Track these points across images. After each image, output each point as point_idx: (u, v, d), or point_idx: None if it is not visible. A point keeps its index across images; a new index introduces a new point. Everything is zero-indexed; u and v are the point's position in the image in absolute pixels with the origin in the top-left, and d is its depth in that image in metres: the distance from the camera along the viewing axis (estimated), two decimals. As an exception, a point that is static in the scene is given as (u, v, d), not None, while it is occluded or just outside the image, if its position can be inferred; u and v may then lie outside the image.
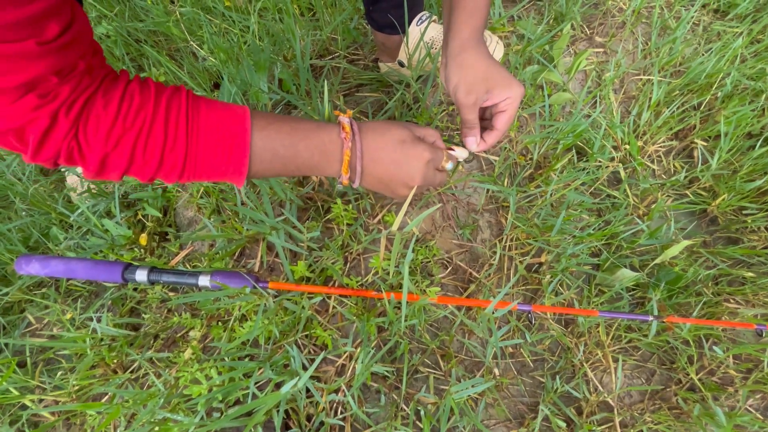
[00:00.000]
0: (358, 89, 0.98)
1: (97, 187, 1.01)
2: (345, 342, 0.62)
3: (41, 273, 0.58)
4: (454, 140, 0.62)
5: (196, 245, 0.90)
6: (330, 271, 0.64)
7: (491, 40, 0.83)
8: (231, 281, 0.59)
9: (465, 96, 0.53)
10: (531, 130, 0.87)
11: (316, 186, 0.76)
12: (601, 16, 1.06)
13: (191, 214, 0.95)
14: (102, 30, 1.36)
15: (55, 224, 1.04)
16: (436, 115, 0.84)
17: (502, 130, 0.55)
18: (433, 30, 0.85)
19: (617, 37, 1.05)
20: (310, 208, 0.76)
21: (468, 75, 0.53)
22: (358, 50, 1.07)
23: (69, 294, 0.97)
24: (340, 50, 1.05)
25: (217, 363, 0.60)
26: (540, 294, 0.79)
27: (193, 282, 0.60)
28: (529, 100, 0.87)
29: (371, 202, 0.74)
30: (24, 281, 0.97)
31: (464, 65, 0.53)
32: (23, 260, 0.58)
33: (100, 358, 0.72)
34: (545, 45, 0.90)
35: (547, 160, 0.88)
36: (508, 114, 0.54)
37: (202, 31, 1.23)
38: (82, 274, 0.58)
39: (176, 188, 0.97)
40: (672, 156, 0.99)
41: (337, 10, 1.13)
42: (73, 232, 1.00)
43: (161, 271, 0.60)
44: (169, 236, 0.96)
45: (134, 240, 0.93)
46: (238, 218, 0.80)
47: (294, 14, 1.12)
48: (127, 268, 0.60)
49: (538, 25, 0.94)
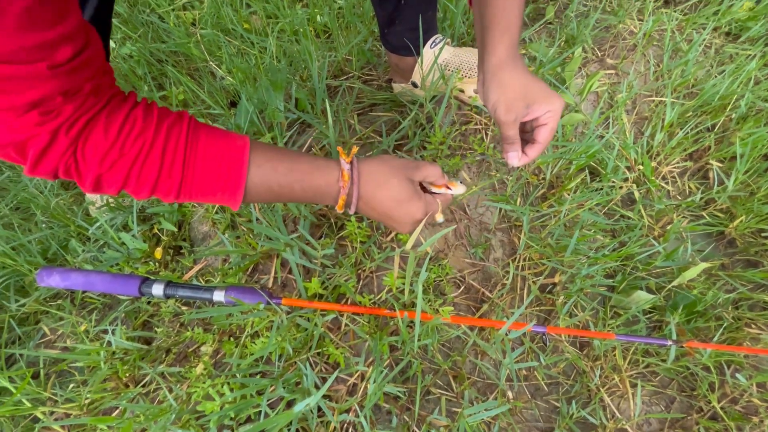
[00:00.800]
0: (372, 108, 1.00)
1: (116, 201, 1.03)
2: (357, 361, 0.62)
3: (61, 285, 0.59)
4: (455, 174, 0.63)
5: (210, 260, 0.91)
6: (343, 289, 0.64)
7: None
8: (245, 297, 0.59)
9: (505, 114, 0.53)
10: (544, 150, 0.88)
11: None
12: (612, 39, 1.08)
13: (206, 229, 0.97)
14: (126, 50, 1.41)
15: (73, 237, 1.06)
16: (449, 135, 0.85)
17: (544, 143, 0.55)
18: (446, 52, 0.86)
19: (629, 59, 1.06)
20: (323, 225, 0.76)
21: (507, 93, 0.52)
22: (372, 71, 1.10)
23: (84, 306, 0.98)
24: (355, 71, 1.08)
25: (229, 379, 0.59)
26: (554, 315, 0.78)
27: (208, 297, 0.61)
28: (542, 120, 0.88)
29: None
30: (41, 293, 0.99)
31: (503, 83, 0.53)
32: (44, 272, 0.59)
33: (113, 371, 0.72)
34: (557, 67, 0.91)
35: (559, 180, 0.88)
36: (550, 127, 0.54)
37: (221, 51, 1.28)
38: (100, 287, 0.59)
39: (192, 204, 0.99)
40: (687, 177, 0.98)
41: (352, 32, 1.17)
42: (91, 245, 1.02)
43: (177, 285, 0.61)
44: (183, 250, 0.98)
45: (149, 254, 0.95)
46: (252, 234, 0.81)
47: (310, 36, 1.16)
48: (144, 282, 0.61)
49: (549, 47, 0.96)
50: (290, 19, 1.22)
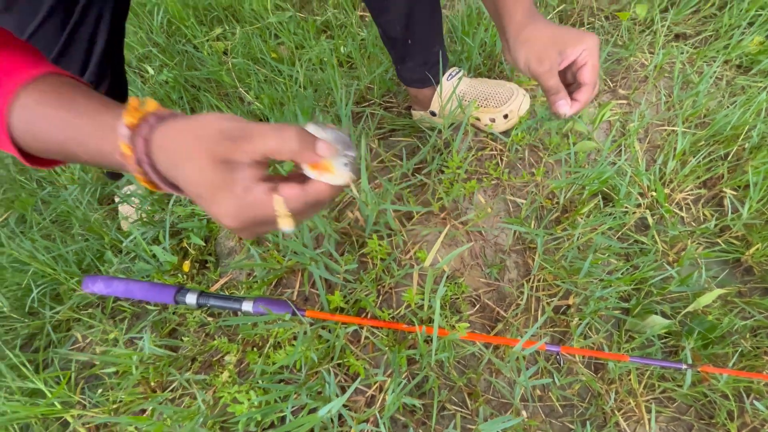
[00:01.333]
0: (392, 134, 1.06)
1: (148, 216, 1.10)
2: (376, 372, 0.64)
3: (104, 292, 0.64)
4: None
5: (235, 274, 0.96)
6: (364, 303, 0.68)
7: (518, 93, 0.89)
8: (273, 307, 0.63)
9: (538, 64, 0.51)
10: (557, 175, 0.91)
11: (352, 222, 0.81)
12: (623, 71, 1.12)
13: (231, 245, 1.02)
14: (163, 77, 1.52)
15: (107, 249, 1.13)
16: (466, 160, 0.89)
17: (591, 82, 0.53)
18: (463, 84, 0.92)
19: (640, 90, 1.09)
20: (345, 243, 0.80)
21: (535, 45, 0.51)
22: (392, 98, 1.16)
23: (113, 315, 1.03)
24: (376, 98, 1.14)
25: (254, 386, 0.62)
26: (568, 337, 0.79)
27: (237, 307, 0.64)
28: (556, 147, 0.92)
29: (404, 239, 0.78)
30: (74, 301, 1.04)
31: (529, 39, 0.52)
32: (90, 280, 0.65)
33: (144, 376, 0.76)
34: (570, 97, 0.95)
35: (573, 204, 0.90)
36: (591, 64, 0.52)
37: (250, 79, 1.37)
38: (139, 295, 0.64)
39: (220, 220, 1.04)
40: (701, 204, 1.00)
41: (374, 62, 1.24)
42: (123, 257, 1.08)
43: (208, 295, 0.65)
44: (208, 264, 1.03)
45: (177, 266, 1.00)
46: (278, 249, 0.85)
47: (335, 66, 1.23)
48: (178, 291, 0.65)
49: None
50: (317, 51, 1.30)
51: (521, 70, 0.55)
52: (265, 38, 1.46)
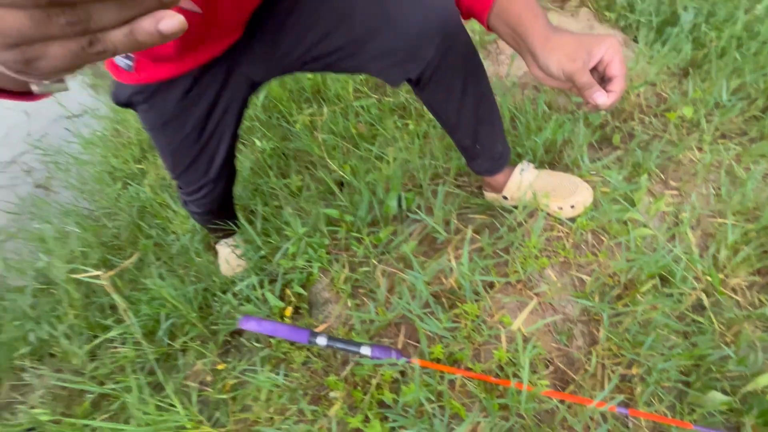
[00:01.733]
0: (468, 209, 1.24)
1: (256, 265, 1.31)
2: (471, 415, 0.77)
3: (256, 330, 0.82)
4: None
5: (332, 322, 1.13)
6: (459, 356, 0.82)
7: (581, 186, 1.06)
8: (386, 353, 0.78)
9: (571, 63, 0.55)
10: (617, 257, 1.05)
11: (446, 288, 0.97)
12: (674, 166, 1.27)
13: (327, 295, 1.20)
14: (261, 146, 1.83)
15: (217, 291, 1.34)
16: (540, 237, 1.05)
17: (621, 74, 0.56)
18: (532, 176, 1.10)
19: (691, 183, 1.24)
20: (438, 304, 0.97)
21: (565, 49, 0.56)
22: (466, 178, 1.36)
23: (225, 350, 1.22)
24: (451, 177, 1.35)
25: (376, 415, 0.77)
26: (633, 403, 0.88)
27: (356, 350, 0.81)
28: (616, 233, 1.06)
29: (489, 304, 0.94)
30: (193, 333, 1.25)
31: (557, 46, 0.56)
32: (245, 319, 0.84)
33: (269, 400, 0.92)
34: (627, 190, 1.11)
35: (633, 283, 1.03)
36: (618, 59, 0.56)
37: (335, 151, 1.63)
38: (283, 334, 0.82)
39: (319, 273, 1.23)
40: (755, 290, 1.09)
41: (448, 140, 1.46)
42: (229, 297, 1.28)
43: (335, 339, 0.82)
44: (301, 311, 1.21)
45: (281, 311, 1.19)
46: (386, 306, 1.02)
47: (416, 144, 1.45)
48: (311, 333, 0.83)
49: (619, 173, 1.17)
50: (391, 129, 1.55)
51: (553, 75, 0.58)
52: (348, 117, 1.73)
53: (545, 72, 0.59)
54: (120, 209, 1.83)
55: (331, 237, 1.27)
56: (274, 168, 1.77)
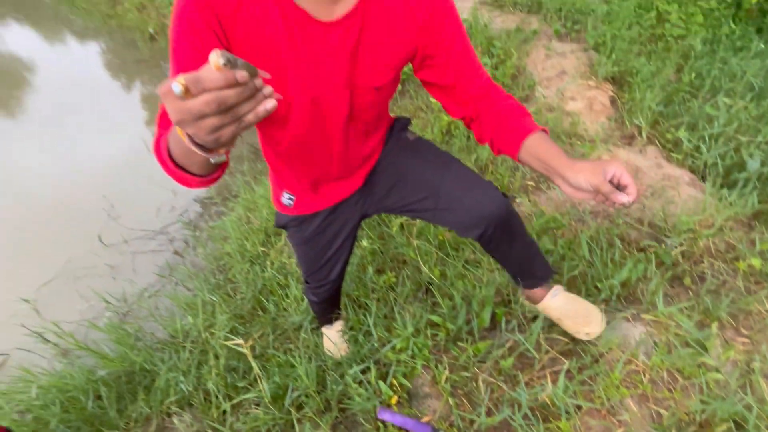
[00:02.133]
0: (552, 329, 1.46)
1: (359, 352, 1.57)
2: None
3: (391, 420, 1.07)
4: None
5: (431, 414, 1.34)
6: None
7: (594, 318, 1.29)
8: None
9: (596, 177, 0.75)
10: (692, 397, 1.20)
11: (539, 401, 1.18)
12: (745, 315, 1.43)
13: (428, 390, 1.43)
14: (365, 244, 2.19)
15: (329, 370, 1.60)
16: (622, 370, 1.24)
17: (630, 181, 0.75)
18: (562, 299, 1.32)
19: (762, 333, 1.37)
20: (535, 416, 1.16)
21: (588, 170, 0.76)
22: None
23: (335, 424, 1.46)
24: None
25: None
26: None
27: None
28: (690, 374, 1.23)
29: (579, 424, 1.12)
30: (312, 406, 1.50)
31: (581, 169, 0.77)
32: (382, 410, 1.09)
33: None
34: (698, 338, 1.29)
35: (708, 423, 1.16)
36: (624, 173, 0.75)
37: (428, 256, 1.93)
38: (411, 427, 1.06)
39: (421, 369, 1.48)
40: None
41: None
42: (348, 379, 1.53)
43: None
44: (401, 400, 1.43)
45: (389, 399, 1.43)
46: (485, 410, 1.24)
47: (484, 267, 1.72)
48: (433, 428, 1.06)
49: (690, 317, 1.35)
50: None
51: (582, 188, 0.77)
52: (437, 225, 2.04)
53: (575, 188, 0.79)
54: (247, 284, 2.21)
55: (432, 337, 1.53)
56: (372, 262, 2.11)
